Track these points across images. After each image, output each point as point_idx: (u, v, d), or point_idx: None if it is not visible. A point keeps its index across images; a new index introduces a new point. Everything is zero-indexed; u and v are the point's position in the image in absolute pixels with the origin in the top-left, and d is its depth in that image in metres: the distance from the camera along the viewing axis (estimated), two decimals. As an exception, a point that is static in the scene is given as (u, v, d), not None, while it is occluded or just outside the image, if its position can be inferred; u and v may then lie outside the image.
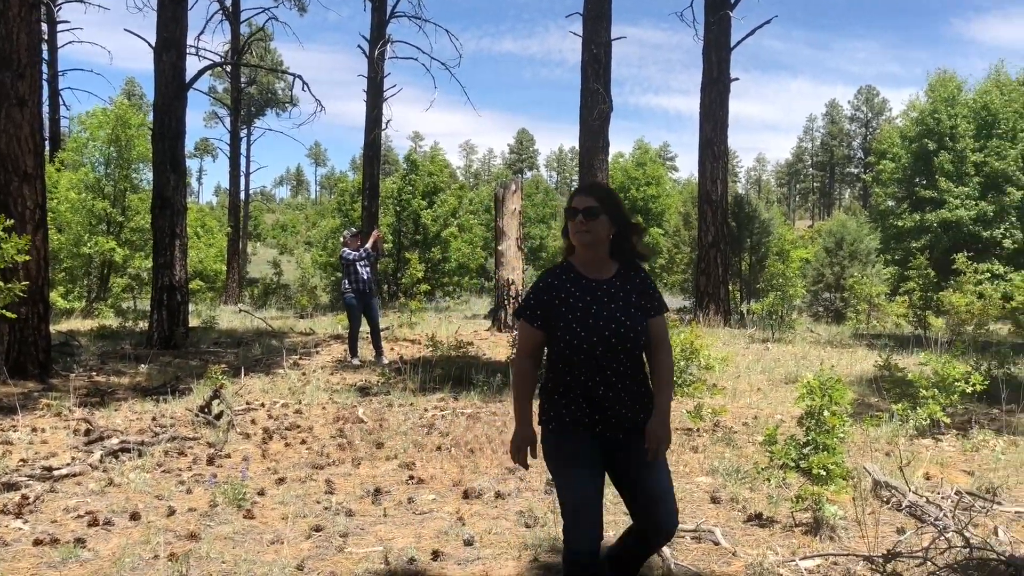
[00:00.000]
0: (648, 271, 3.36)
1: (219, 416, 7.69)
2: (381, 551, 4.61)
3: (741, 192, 50.31)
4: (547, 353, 3.35)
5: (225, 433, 7.29)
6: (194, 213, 35.39)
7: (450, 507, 5.48)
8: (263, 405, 8.81)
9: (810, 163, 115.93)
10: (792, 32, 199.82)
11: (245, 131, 48.45)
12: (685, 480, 6.12)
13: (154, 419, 8.03)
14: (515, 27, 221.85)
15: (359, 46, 21.77)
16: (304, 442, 7.27)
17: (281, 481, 6.04)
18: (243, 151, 43.63)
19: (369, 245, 11.89)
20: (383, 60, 21.45)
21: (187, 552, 4.51)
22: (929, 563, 4.16)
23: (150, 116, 15.37)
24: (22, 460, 6.57)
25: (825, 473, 5.05)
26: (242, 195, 41.02)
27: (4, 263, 9.29)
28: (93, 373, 10.76)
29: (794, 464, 5.35)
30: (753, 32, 20.48)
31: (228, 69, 30.80)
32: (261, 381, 10.17)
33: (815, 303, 23.91)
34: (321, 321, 18.48)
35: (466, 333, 14.84)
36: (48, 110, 28.37)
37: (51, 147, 27.66)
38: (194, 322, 15.93)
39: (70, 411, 8.29)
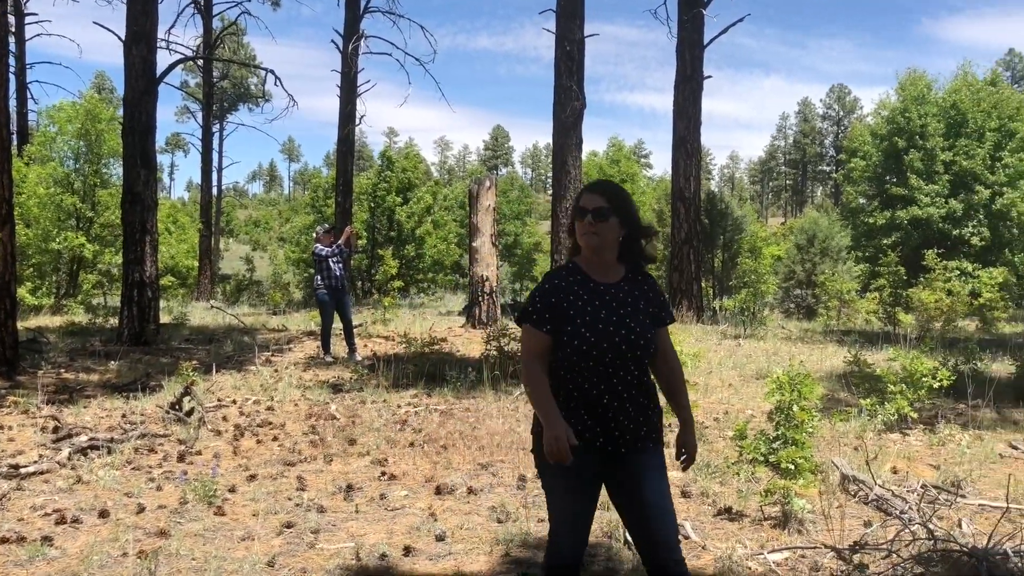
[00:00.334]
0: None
1: (190, 413, 7.63)
2: (352, 547, 4.60)
3: (715, 190, 50.68)
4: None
5: (196, 430, 7.24)
6: (166, 209, 35.05)
7: (422, 503, 5.49)
8: (235, 402, 8.75)
9: (783, 161, 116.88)
10: (765, 30, 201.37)
11: (217, 126, 48.09)
12: (656, 475, 6.16)
13: (124, 416, 7.95)
14: (491, 23, 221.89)
15: (333, 41, 21.69)
16: (276, 439, 7.24)
17: (252, 478, 6.01)
18: (215, 146, 43.29)
19: (342, 241, 11.84)
20: (357, 55, 21.35)
21: (156, 549, 4.48)
22: (894, 555, 4.23)
23: (120, 110, 15.20)
24: (-12, 458, 6.49)
25: (794, 467, 5.10)
26: (214, 191, 40.68)
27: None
28: (62, 370, 10.64)
29: (763, 459, 5.40)
30: (726, 30, 20.58)
31: (200, 63, 30.56)
32: (233, 378, 10.11)
33: (787, 299, 24.09)
34: (294, 318, 18.38)
35: (440, 330, 14.82)
36: (15, 103, 27.96)
37: (18, 141, 27.28)
38: (165, 319, 15.78)
39: (38, 408, 8.20)
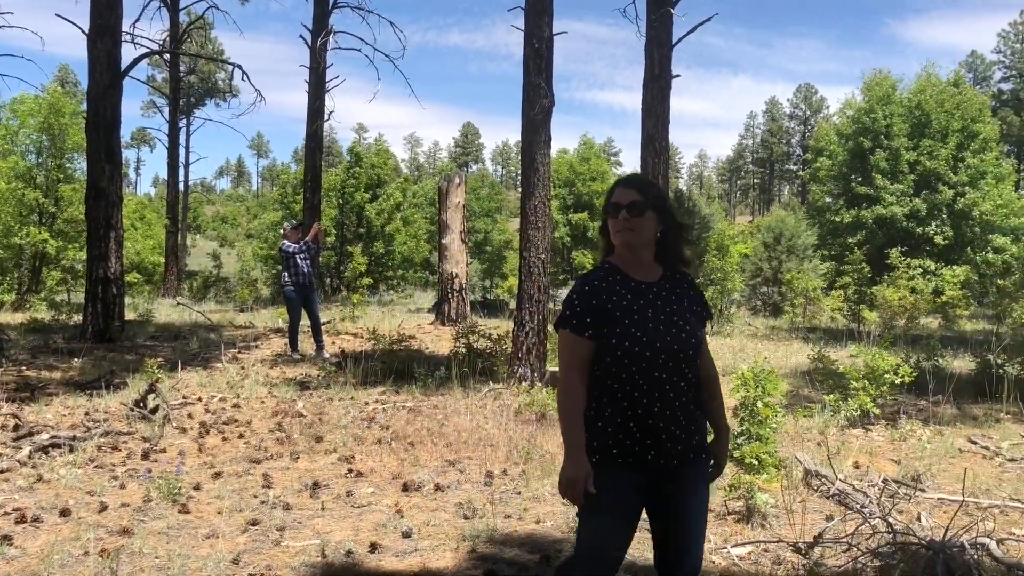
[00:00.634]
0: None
1: (155, 410, 7.56)
2: (318, 544, 4.59)
3: (683, 188, 51.06)
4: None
5: (161, 427, 7.17)
6: (132, 204, 34.62)
7: (389, 500, 5.48)
8: (200, 399, 8.67)
9: (750, 160, 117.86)
10: (734, 30, 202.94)
11: (184, 121, 47.57)
12: (623, 471, 6.21)
13: (87, 414, 7.85)
14: (462, 20, 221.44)
15: (301, 36, 21.51)
16: (242, 436, 7.19)
17: (218, 475, 5.97)
18: (182, 141, 42.76)
19: (309, 238, 11.77)
20: (326, 51, 21.20)
21: (119, 548, 4.44)
22: (854, 549, 4.30)
23: (84, 104, 14.99)
24: (-53, 457, 6.38)
25: (757, 463, 5.17)
26: (181, 186, 40.17)
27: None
28: (23, 367, 10.47)
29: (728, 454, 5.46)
30: (694, 29, 20.58)
31: (166, 57, 30.18)
32: (199, 375, 10.01)
33: (753, 297, 24.37)
34: (261, 315, 18.25)
35: (409, 327, 14.78)
36: (-24, 96, 27.46)
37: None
38: (130, 315, 15.60)
39: (-2, 406, 8.07)
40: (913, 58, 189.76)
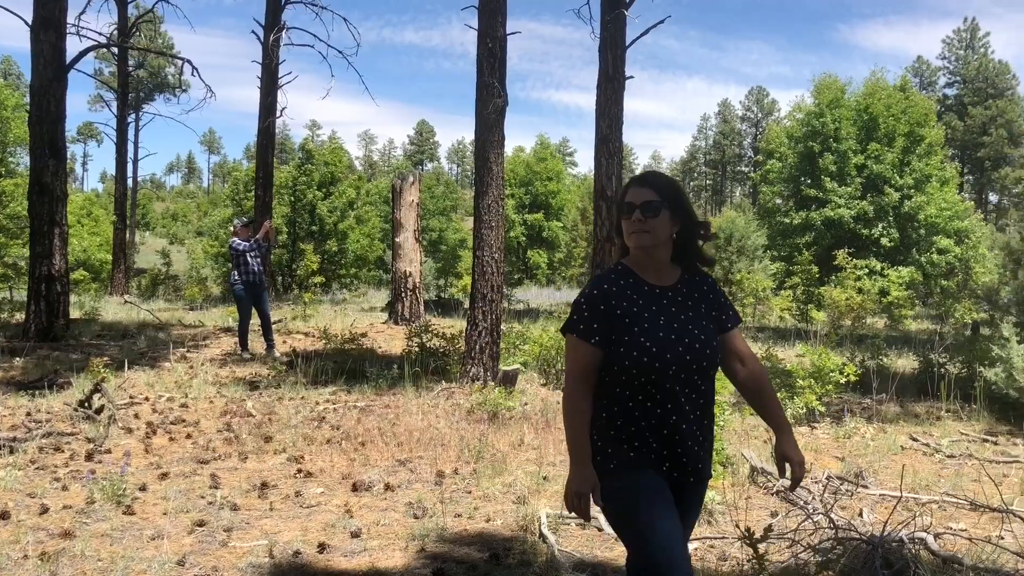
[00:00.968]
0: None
1: (100, 411, 7.42)
2: (266, 544, 4.55)
3: (637, 188, 51.20)
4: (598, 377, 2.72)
5: (106, 428, 7.04)
6: (79, 200, 33.91)
7: (338, 500, 5.45)
8: (147, 399, 8.54)
9: (703, 161, 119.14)
10: (688, 32, 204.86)
11: (133, 116, 46.67)
12: (573, 469, 6.25)
13: (28, 414, 7.68)
14: (417, 18, 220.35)
15: (253, 32, 21.20)
16: (190, 436, 7.09)
17: (164, 476, 5.88)
18: (131, 137, 41.97)
19: (260, 236, 11.65)
20: (278, 47, 20.96)
21: (60, 551, 4.36)
22: (797, 544, 4.38)
23: (28, 97, 14.64)
24: None
25: (704, 460, 5.23)
26: (130, 182, 39.42)
27: None
28: (-37, 367, 10.21)
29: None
30: (648, 31, 20.75)
31: (114, 51, 29.61)
32: (146, 375, 9.85)
33: (705, 297, 24.59)
34: (211, 313, 18.00)
35: (362, 326, 14.69)
36: (-85, 88, 26.67)
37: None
38: (76, 314, 15.28)
39: (-64, 407, 7.86)
40: (861, 62, 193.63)
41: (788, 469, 2.71)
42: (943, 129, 31.14)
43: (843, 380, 8.65)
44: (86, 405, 7.54)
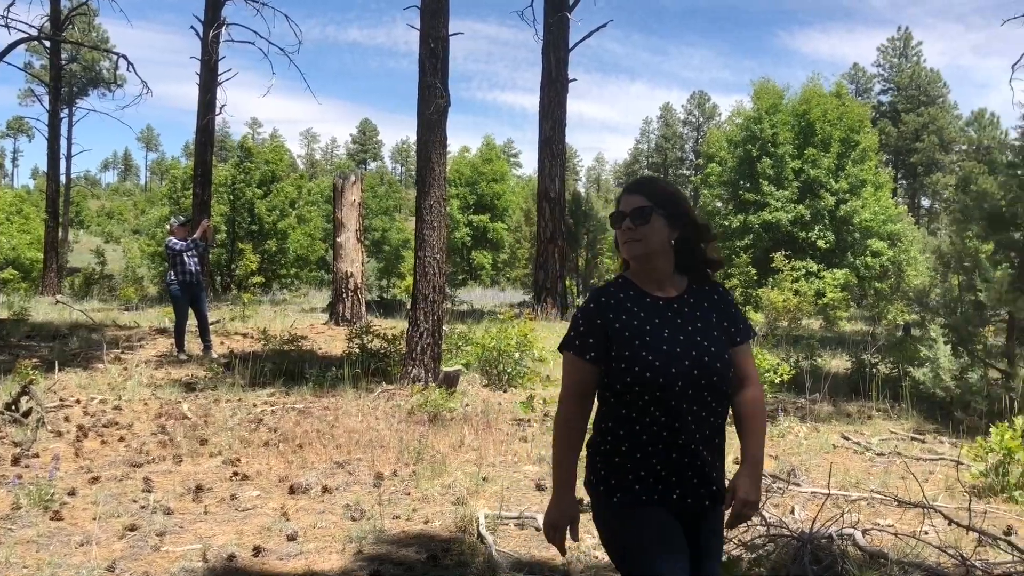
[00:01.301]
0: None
1: (27, 413, 7.22)
2: (200, 549, 4.48)
3: (581, 190, 51.80)
4: (600, 397, 2.54)
5: (34, 431, 6.85)
6: (8, 197, 32.91)
7: (275, 503, 5.39)
8: (79, 402, 8.32)
9: (646, 164, 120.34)
10: (631, 36, 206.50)
11: (66, 111, 45.51)
12: (513, 469, 6.28)
13: (-47, 418, 7.44)
14: (362, 16, 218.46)
15: (192, 27, 20.92)
16: (122, 439, 6.94)
17: (95, 480, 5.75)
18: (64, 132, 40.90)
19: (198, 235, 11.46)
20: (218, 43, 20.65)
21: (-17, 558, 4.23)
22: (730, 541, 4.46)
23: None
24: None
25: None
26: (62, 179, 38.44)
27: None
28: None
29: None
30: (590, 34, 21.10)
31: (47, 44, 28.81)
32: (78, 376, 9.61)
33: (647, 298, 24.86)
34: (147, 314, 17.61)
35: (302, 327, 14.53)
36: None
37: None
38: (4, 314, 14.84)
39: None
40: (800, 68, 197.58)
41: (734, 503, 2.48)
42: (877, 135, 32.00)
43: (777, 380, 8.83)
44: (13, 408, 7.32)
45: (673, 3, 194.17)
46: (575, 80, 20.59)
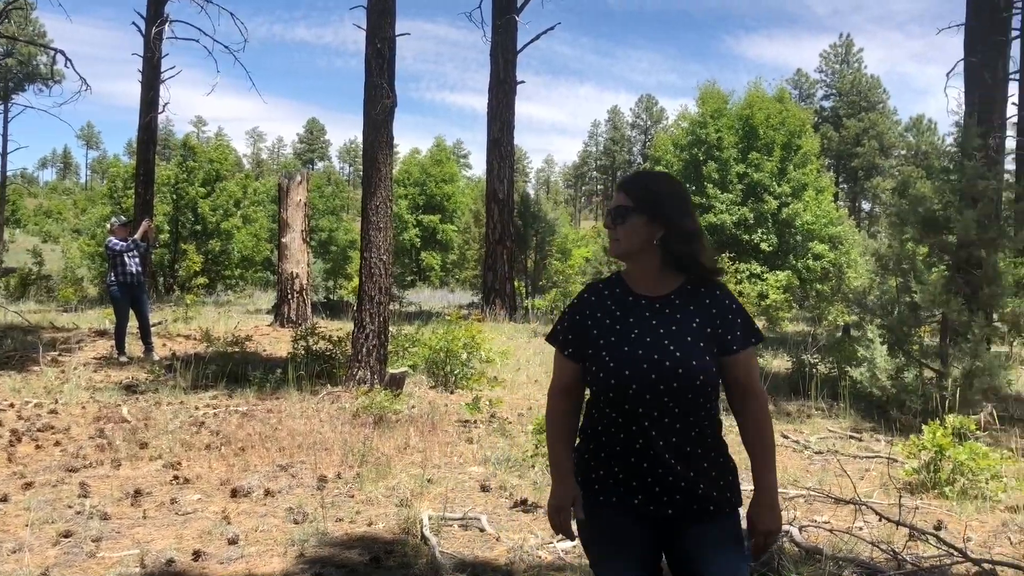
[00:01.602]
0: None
1: (-42, 418, 7.02)
2: (137, 554, 4.41)
3: (530, 192, 51.95)
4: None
5: (-35, 436, 6.67)
6: (-61, 195, 31.84)
7: (216, 506, 5.32)
8: (12, 405, 8.12)
9: (594, 166, 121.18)
10: (580, 39, 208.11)
11: (1, 107, 44.32)
12: (458, 471, 6.28)
13: None
14: (309, 15, 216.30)
15: (134, 23, 20.48)
16: (58, 444, 6.79)
17: (28, 486, 5.62)
18: None
19: (139, 235, 11.25)
20: (160, 40, 20.26)
21: (-90, 567, 4.11)
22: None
23: None
24: None
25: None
26: (-2, 177, 37.40)
27: None
28: None
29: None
30: (538, 37, 21.18)
31: (-18, 38, 28.03)
32: (12, 380, 9.36)
33: (594, 299, 25.03)
34: (87, 315, 17.21)
35: (246, 328, 14.35)
36: None
37: None
38: (-65, 316, 14.41)
39: None
40: (746, 73, 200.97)
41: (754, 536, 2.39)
42: (818, 139, 32.65)
43: (720, 380, 8.93)
44: (-56, 412, 7.12)
45: (621, 7, 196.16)
46: (523, 82, 20.67)
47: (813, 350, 11.43)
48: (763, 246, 27.38)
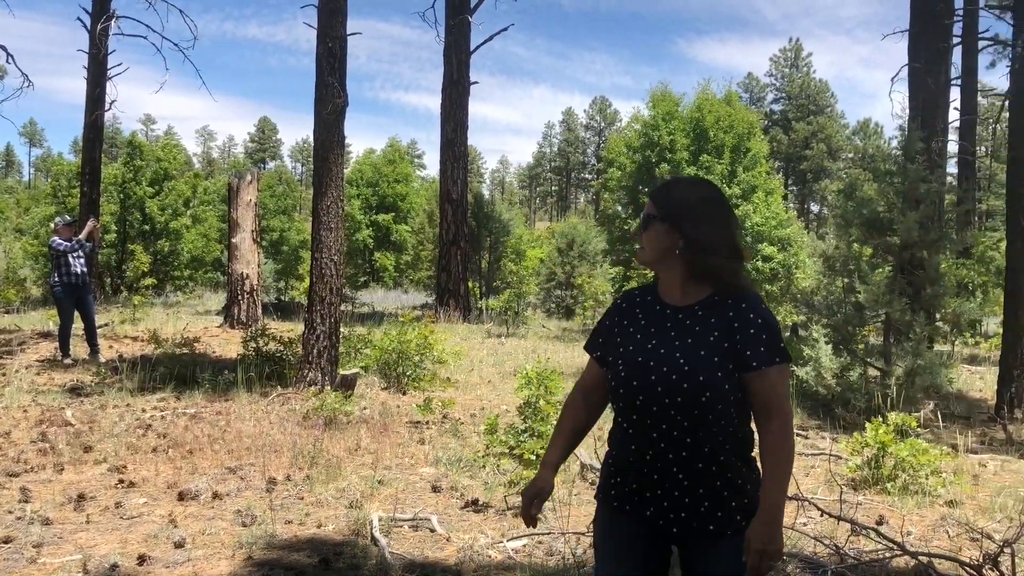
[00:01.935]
0: (748, 299, 2.31)
1: None
2: (80, 559, 4.33)
3: (485, 193, 51.90)
4: None
5: (-100, 441, 6.49)
6: None
7: (163, 510, 5.25)
8: (-49, 409, 7.92)
9: (549, 168, 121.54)
10: (535, 40, 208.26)
11: (-58, 103, 43.11)
12: (409, 472, 6.27)
13: None
14: (260, 13, 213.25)
15: (79, 19, 20.06)
16: (-1, 448, 6.63)
17: (-33, 492, 5.48)
18: (-61, 125, 38.71)
19: (83, 235, 11.04)
20: (107, 36, 19.86)
21: None
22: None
23: None
24: None
25: (535, 458, 5.37)
26: (-63, 175, 36.34)
27: None
28: None
29: (509, 451, 5.66)
30: (491, 38, 21.21)
31: (-80, 32, 27.22)
32: (-49, 383, 9.13)
33: (548, 300, 25.17)
34: (30, 317, 16.83)
35: (196, 329, 14.15)
36: None
37: None
38: None
39: None
40: (698, 76, 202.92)
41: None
42: (767, 142, 33.17)
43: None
44: None
45: (575, 9, 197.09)
46: (477, 83, 20.69)
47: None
48: (714, 247, 27.74)
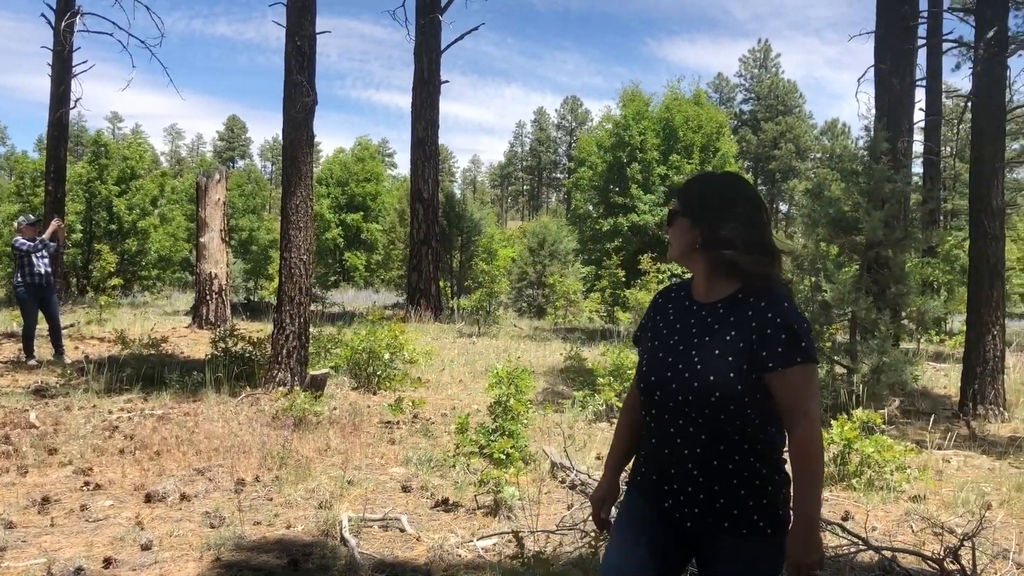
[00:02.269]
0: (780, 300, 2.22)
1: None
2: (44, 563, 4.27)
3: (457, 192, 51.82)
4: None
5: None
6: None
7: (129, 512, 5.19)
8: (-88, 412, 7.78)
9: (520, 167, 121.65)
10: (506, 40, 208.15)
11: (-98, 100, 42.34)
12: (379, 472, 6.25)
13: None
14: (229, 11, 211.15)
15: (43, 15, 19.77)
16: (-39, 451, 6.52)
17: (-72, 495, 5.39)
18: (-101, 123, 37.94)
19: (47, 235, 10.89)
20: (72, 33, 19.59)
21: None
22: (588, 535, 4.60)
23: None
24: None
25: (505, 457, 5.39)
26: None
27: None
28: None
29: (479, 450, 5.66)
30: (462, 37, 21.19)
31: None
32: (-89, 385, 8.97)
33: (519, 299, 25.19)
34: (-7, 317, 16.59)
35: (163, 330, 14.03)
36: None
37: None
38: None
39: None
40: (668, 76, 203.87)
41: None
42: (736, 142, 33.45)
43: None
44: None
45: (546, 8, 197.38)
46: (447, 82, 20.67)
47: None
48: (684, 246, 27.94)
